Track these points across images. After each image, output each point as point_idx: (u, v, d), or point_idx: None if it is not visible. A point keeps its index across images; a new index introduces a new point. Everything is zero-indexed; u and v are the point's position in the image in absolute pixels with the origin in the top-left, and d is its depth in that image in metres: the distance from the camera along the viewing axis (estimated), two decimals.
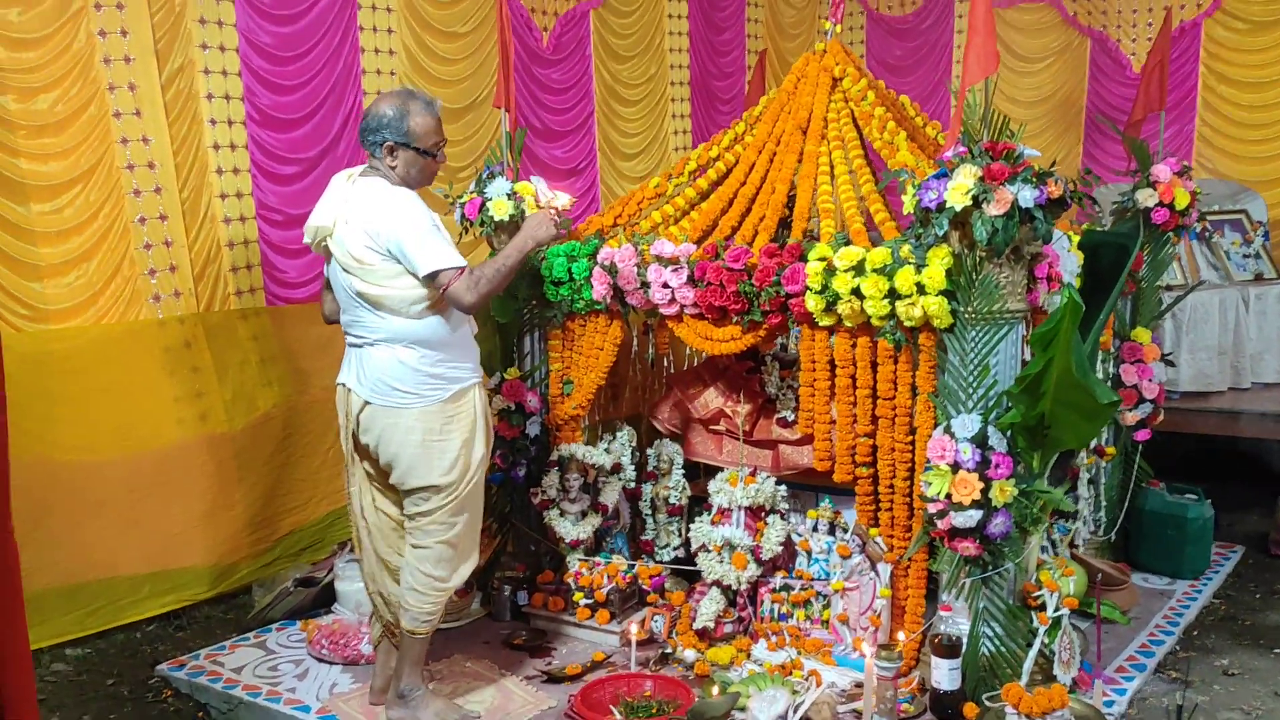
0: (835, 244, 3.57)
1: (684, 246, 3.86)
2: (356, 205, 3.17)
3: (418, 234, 3.08)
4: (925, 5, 7.85)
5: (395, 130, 3.16)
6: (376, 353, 3.21)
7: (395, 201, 3.12)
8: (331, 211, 3.21)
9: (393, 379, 3.19)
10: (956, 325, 3.31)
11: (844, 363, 3.62)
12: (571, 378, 4.32)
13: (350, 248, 3.16)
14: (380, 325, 3.18)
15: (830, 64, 4.47)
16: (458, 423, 3.25)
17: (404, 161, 3.20)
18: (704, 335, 3.89)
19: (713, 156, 4.55)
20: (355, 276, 3.18)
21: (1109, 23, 7.16)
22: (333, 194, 3.27)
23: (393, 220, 3.09)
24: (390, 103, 3.18)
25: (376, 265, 3.13)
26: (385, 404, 3.20)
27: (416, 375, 3.18)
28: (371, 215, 3.12)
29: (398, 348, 3.18)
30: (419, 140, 3.18)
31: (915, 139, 4.32)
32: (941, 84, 7.71)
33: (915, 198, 3.27)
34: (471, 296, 3.12)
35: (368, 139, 3.20)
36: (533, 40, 6.04)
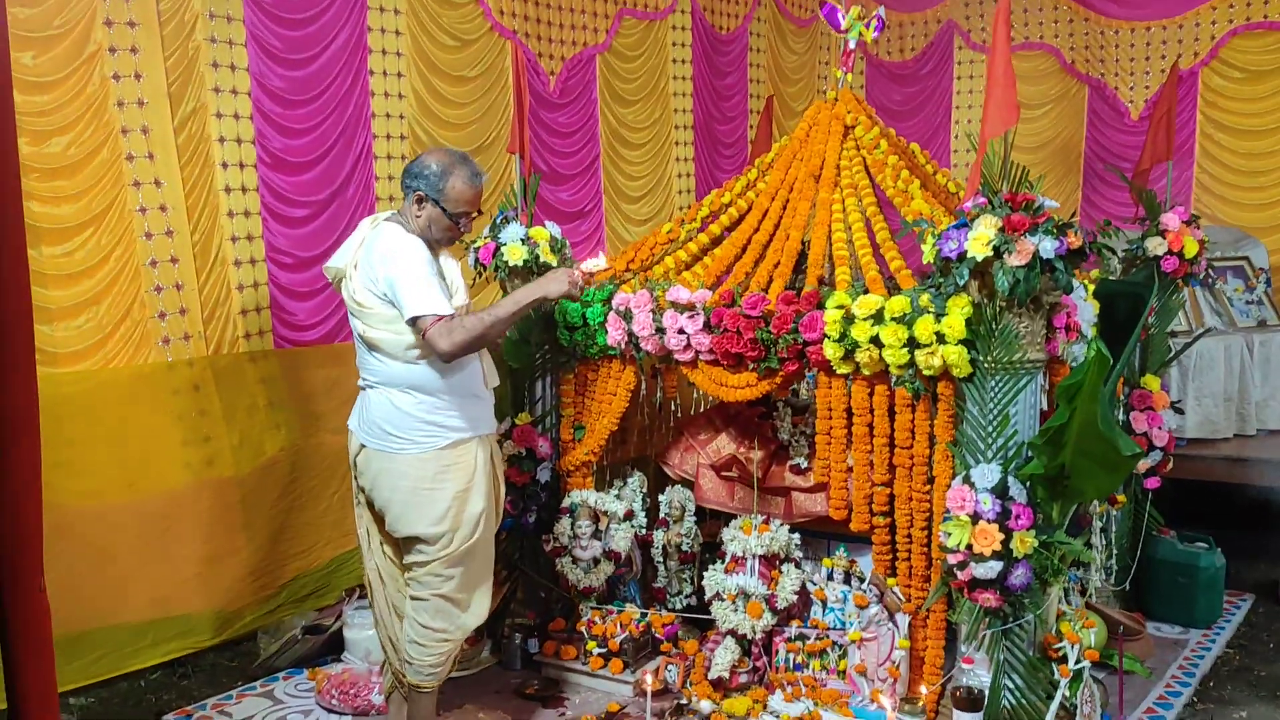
0: (853, 292, 3.57)
1: (700, 293, 3.86)
2: (367, 249, 3.18)
3: (408, 278, 3.08)
4: (925, 52, 7.94)
5: (431, 185, 3.19)
6: (375, 396, 3.21)
7: (397, 245, 3.12)
8: (347, 254, 3.23)
9: (387, 423, 3.18)
10: (976, 374, 3.31)
11: (861, 411, 3.61)
12: (583, 423, 4.30)
13: (355, 290, 3.17)
14: (379, 368, 3.18)
15: (842, 112, 4.50)
16: (453, 473, 3.21)
17: (428, 216, 3.21)
18: (719, 382, 3.88)
19: (725, 202, 4.56)
20: (358, 319, 3.19)
21: (1107, 71, 7.25)
22: (354, 237, 3.28)
23: (389, 263, 3.10)
24: (440, 157, 3.21)
25: (375, 308, 3.14)
26: (379, 448, 3.19)
27: (410, 420, 3.16)
28: (374, 258, 3.13)
29: (394, 391, 3.18)
30: (449, 203, 3.19)
31: (928, 187, 4.35)
32: (942, 129, 7.79)
33: (935, 247, 3.29)
34: (445, 344, 3.06)
35: (405, 181, 3.23)
36: (540, 84, 6.07)
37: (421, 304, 3.06)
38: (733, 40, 7.38)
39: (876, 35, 4.52)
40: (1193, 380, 5.55)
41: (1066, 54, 7.41)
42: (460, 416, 3.24)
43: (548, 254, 4.13)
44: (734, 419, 4.51)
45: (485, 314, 3.15)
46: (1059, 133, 7.40)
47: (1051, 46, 7.45)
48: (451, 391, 3.22)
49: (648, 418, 4.61)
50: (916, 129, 7.82)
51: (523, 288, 3.33)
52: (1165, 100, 4.61)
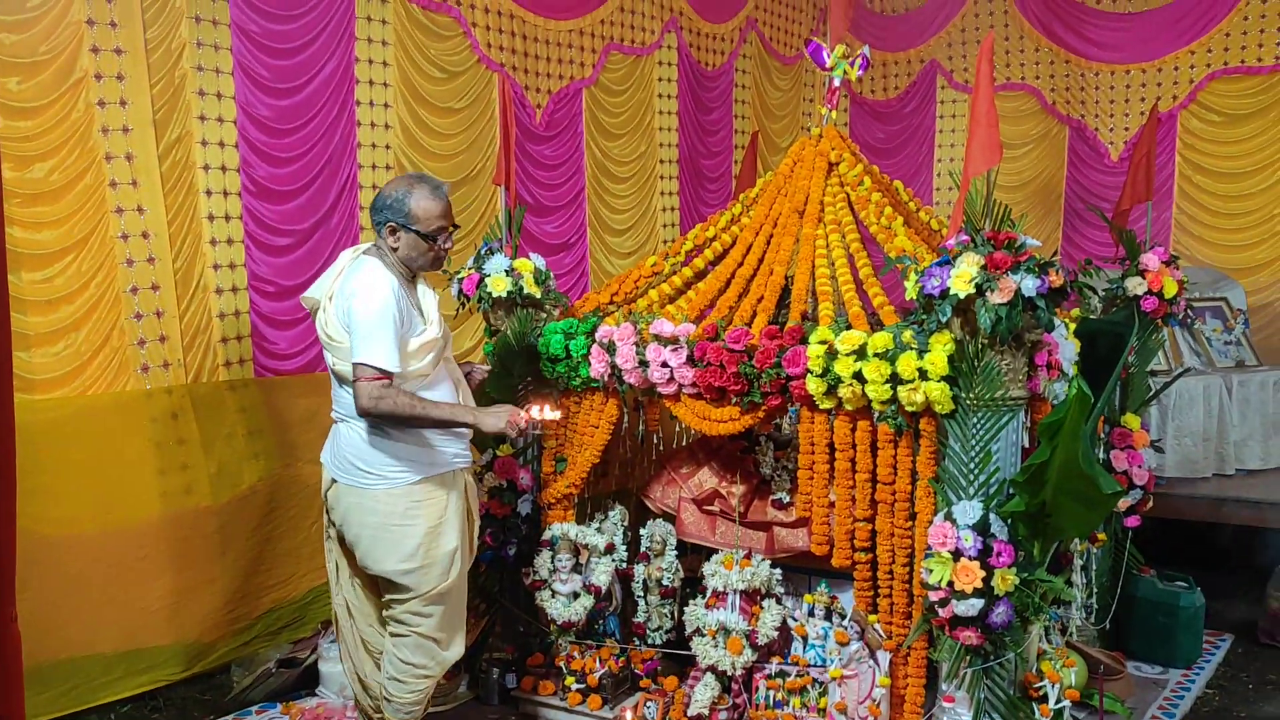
0: (836, 327, 3.59)
1: (684, 326, 3.87)
2: (342, 283, 3.18)
3: (367, 321, 3.05)
4: (908, 90, 8.04)
5: (396, 212, 3.18)
6: (345, 429, 3.19)
7: (368, 284, 3.11)
8: (325, 286, 3.23)
9: (357, 457, 3.16)
10: (958, 411, 3.33)
11: (844, 446, 3.61)
12: (565, 456, 4.28)
13: (327, 323, 3.17)
14: (350, 402, 3.16)
15: (826, 148, 4.54)
16: (424, 509, 3.18)
17: (405, 244, 3.20)
18: (702, 415, 3.88)
19: (709, 236, 4.59)
20: (330, 352, 3.18)
21: (1087, 112, 7.36)
22: (334, 268, 3.28)
23: (356, 302, 3.09)
24: (399, 184, 3.21)
25: (344, 343, 3.13)
26: (350, 482, 3.17)
27: (380, 455, 3.14)
28: (345, 293, 3.13)
29: (358, 426, 3.16)
30: (420, 223, 3.18)
31: (910, 224, 4.38)
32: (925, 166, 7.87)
33: (918, 284, 3.31)
34: (366, 402, 3.01)
35: (374, 217, 3.23)
36: (526, 117, 6.11)
37: (369, 352, 3.03)
38: (718, 76, 7.46)
39: (861, 74, 4.57)
40: (1172, 419, 5.59)
41: (1048, 95, 7.51)
42: (432, 452, 3.22)
43: (531, 285, 4.14)
44: (716, 453, 4.50)
45: (419, 405, 3.09)
46: (1040, 172, 7.49)
47: (1033, 87, 7.56)
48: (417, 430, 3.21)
49: (630, 451, 4.59)
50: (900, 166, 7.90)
51: (463, 407, 3.26)
52: (1145, 142, 4.68)
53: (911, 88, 8.04)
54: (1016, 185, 7.43)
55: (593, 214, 6.57)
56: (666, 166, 7.09)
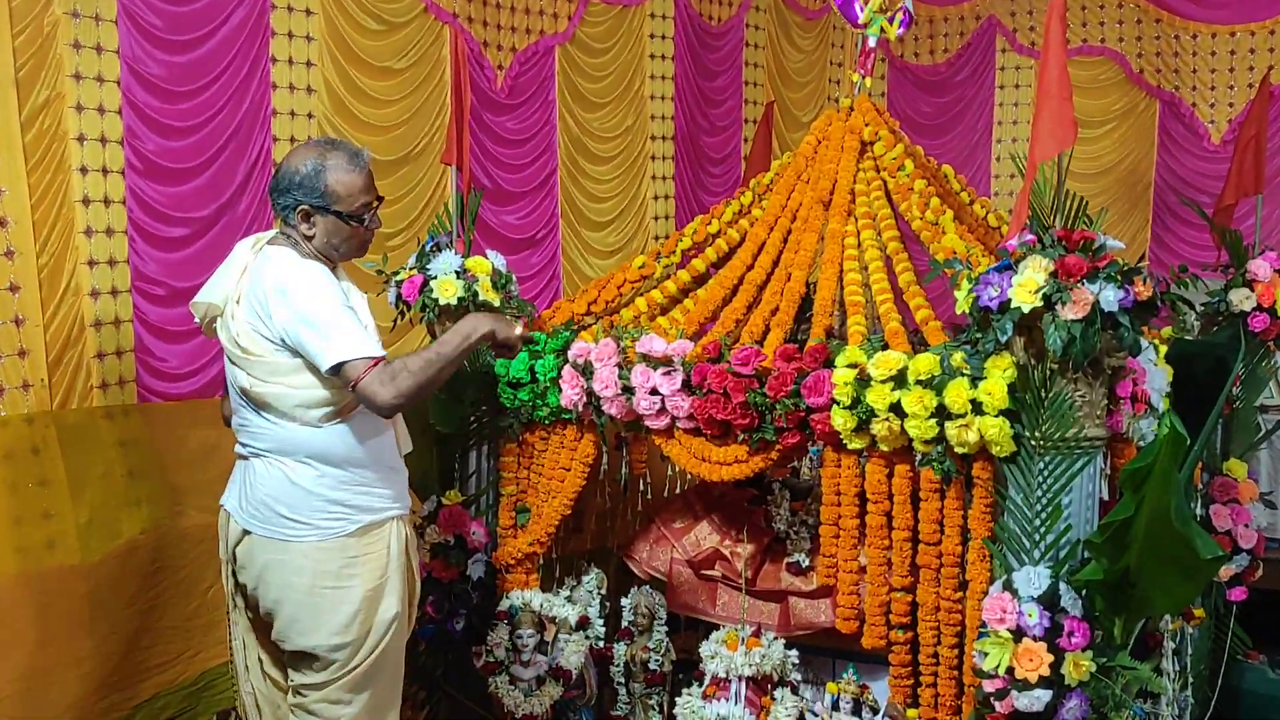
0: (869, 347, 3.60)
1: (679, 344, 3.87)
2: (253, 281, 3.15)
3: (321, 317, 3.03)
4: (960, 54, 8.10)
5: (309, 191, 3.14)
6: (263, 468, 3.15)
7: (296, 277, 3.09)
8: (225, 286, 3.19)
9: (280, 503, 3.12)
10: (1021, 454, 3.33)
11: (877, 496, 3.62)
12: (528, 505, 4.27)
13: (237, 333, 3.13)
14: (270, 433, 3.13)
15: (858, 124, 4.57)
16: (362, 567, 3.15)
17: (324, 230, 3.18)
18: (700, 456, 3.88)
19: (712, 233, 4.61)
20: (241, 369, 3.14)
21: (1182, 83, 7.42)
22: (232, 265, 3.25)
23: (290, 300, 3.05)
24: (304, 156, 3.16)
25: (266, 356, 3.10)
26: (269, 534, 3.13)
27: (311, 500, 3.10)
28: (266, 293, 3.09)
29: (289, 463, 3.12)
30: (340, 202, 3.15)
31: (962, 219, 4.40)
32: (981, 148, 7.92)
33: (972, 294, 3.32)
34: (388, 393, 3.02)
35: (278, 201, 3.18)
36: (484, 80, 6.12)
37: (345, 347, 3.02)
38: (725, 33, 7.50)
39: (902, 32, 4.60)
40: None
41: (1134, 61, 7.57)
42: (373, 494, 3.20)
43: (488, 291, 4.13)
44: (717, 503, 4.49)
45: (429, 353, 3.12)
46: (1124, 157, 7.54)
47: (1115, 52, 7.62)
48: (364, 462, 3.17)
49: (609, 499, 4.59)
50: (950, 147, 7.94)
51: (468, 318, 3.29)
52: (1254, 121, 4.71)
53: (965, 50, 8.10)
54: (1095, 173, 7.47)
55: (567, 202, 6.58)
56: (659, 144, 7.11)
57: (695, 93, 7.33)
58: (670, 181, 7.18)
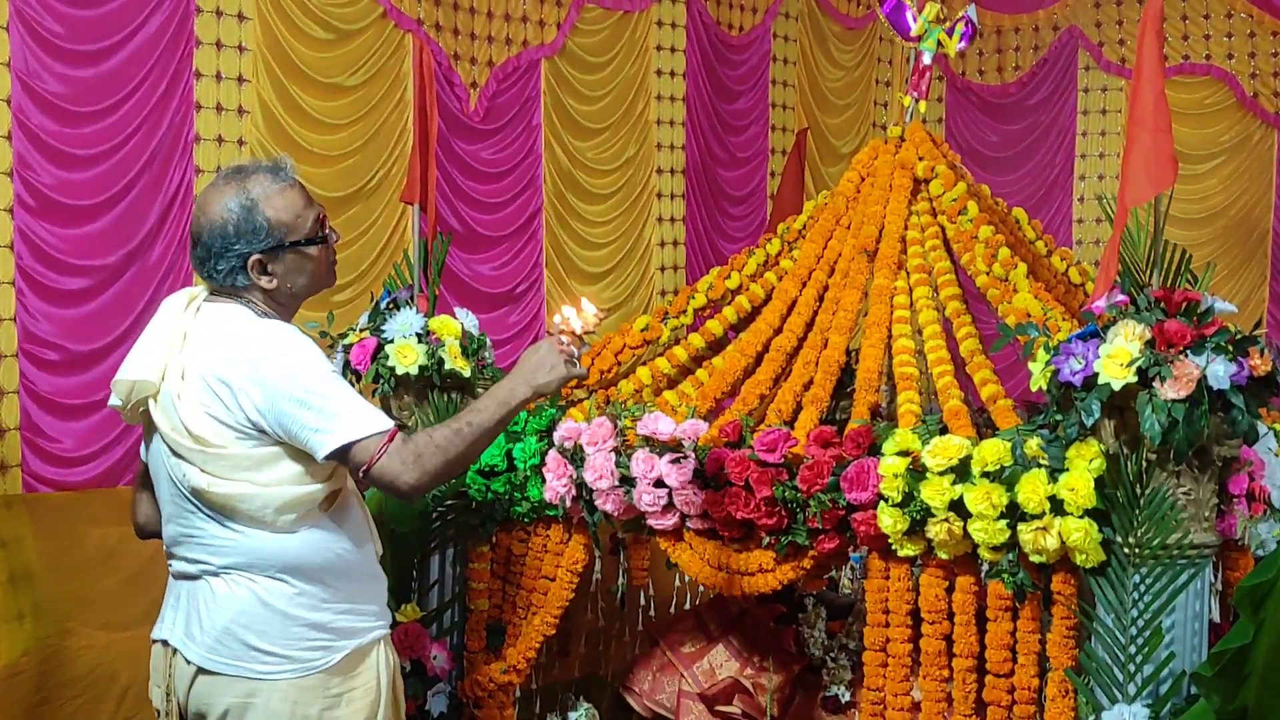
0: (924, 431, 3.59)
1: (690, 425, 3.87)
2: (202, 351, 3.10)
3: (315, 390, 2.94)
4: (1035, 72, 8.19)
5: (251, 236, 3.08)
6: (223, 588, 3.09)
7: (271, 346, 3.03)
8: (158, 357, 3.13)
9: (250, 630, 3.06)
10: (1111, 564, 3.31)
11: (934, 616, 3.59)
12: (503, 623, 4.25)
13: (188, 419, 3.07)
14: (230, 543, 3.07)
15: (911, 157, 4.58)
16: (348, 707, 3.11)
17: (290, 270, 3.12)
18: (717, 564, 3.86)
19: (732, 288, 4.61)
20: (192, 464, 3.07)
21: None
22: (164, 330, 3.18)
23: (268, 375, 2.98)
24: (220, 201, 3.07)
25: (228, 448, 3.02)
26: (238, 671, 3.08)
27: (289, 626, 3.06)
28: (229, 368, 3.04)
29: (259, 579, 3.06)
30: (292, 231, 3.12)
31: (1037, 273, 4.41)
32: (1061, 187, 7.98)
33: (1050, 368, 3.32)
34: (413, 476, 2.94)
35: (217, 269, 3.10)
36: (455, 101, 6.18)
37: (352, 424, 2.93)
38: (748, 45, 7.59)
39: (964, 46, 4.64)
40: None
41: (1246, 84, 7.65)
42: (357, 612, 3.14)
43: (457, 358, 4.13)
44: (737, 623, 4.46)
45: (457, 423, 3.02)
46: (1235, 198, 7.59)
47: (1224, 72, 7.70)
48: (347, 572, 3.12)
49: (603, 616, 4.56)
50: (1022, 186, 7.99)
51: (505, 381, 3.14)
52: None
53: (1040, 68, 8.18)
54: (1201, 218, 7.53)
55: (554, 249, 6.61)
56: (668, 180, 7.16)
57: (711, 117, 7.39)
58: (680, 225, 7.21)
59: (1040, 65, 8.17)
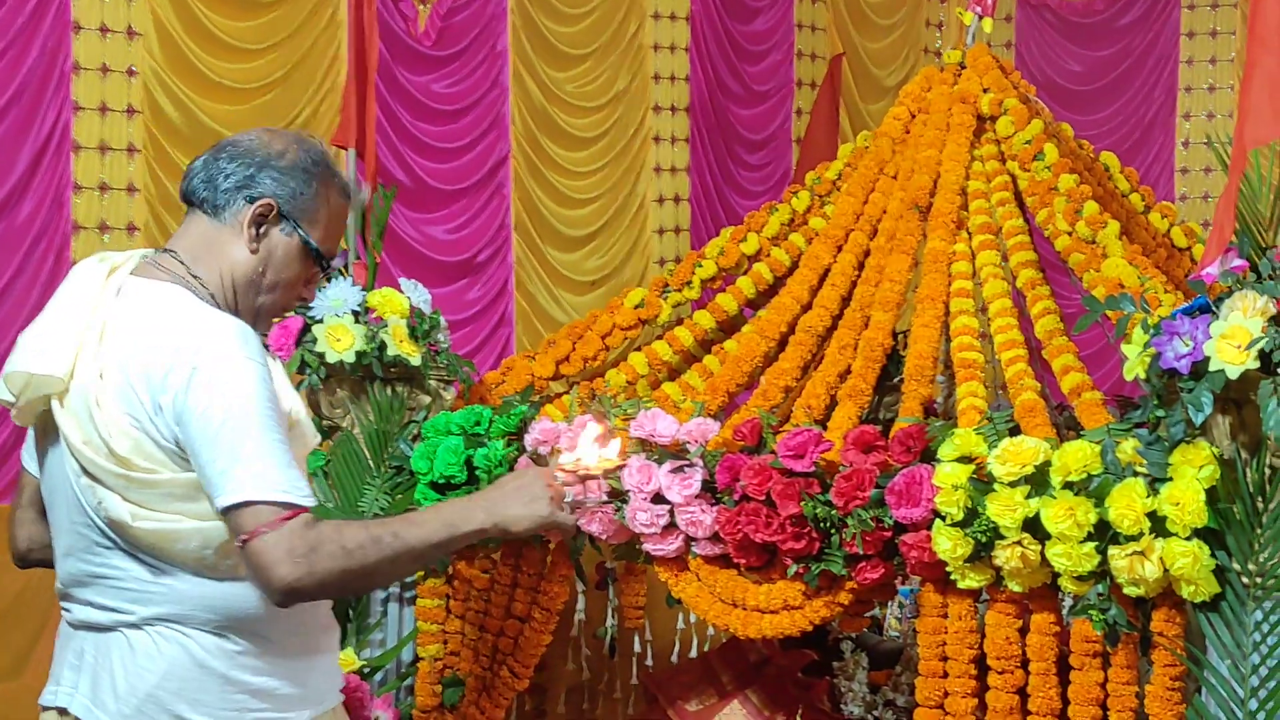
0: (991, 432, 3.60)
1: (696, 424, 3.87)
2: (128, 342, 3.08)
3: (242, 422, 2.91)
4: None
5: (295, 188, 3.07)
6: (148, 643, 3.06)
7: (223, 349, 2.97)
8: (70, 346, 3.08)
9: (180, 698, 3.04)
10: (1227, 597, 3.32)
11: (1005, 664, 3.60)
12: (462, 675, 4.25)
13: (107, 432, 3.03)
14: (160, 590, 3.04)
15: (973, 89, 4.58)
16: None
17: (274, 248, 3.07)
18: (730, 599, 3.87)
19: (749, 254, 4.61)
20: (110, 491, 3.04)
21: None
22: (73, 308, 3.14)
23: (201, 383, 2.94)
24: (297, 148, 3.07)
25: (159, 473, 2.98)
26: None
27: (226, 691, 3.04)
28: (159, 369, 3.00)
29: (195, 635, 3.03)
30: (316, 229, 3.09)
31: (1132, 234, 4.41)
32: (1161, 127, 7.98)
33: (1149, 351, 3.32)
34: (293, 572, 2.81)
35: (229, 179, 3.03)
36: (399, 21, 6.18)
37: (257, 477, 2.87)
38: None
39: None
40: None
41: None
42: (305, 672, 3.15)
43: (402, 341, 4.13)
44: (756, 675, 4.47)
45: (388, 534, 2.92)
46: None
47: None
48: (296, 626, 3.12)
49: (588, 667, 4.56)
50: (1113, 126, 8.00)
51: (465, 501, 3.11)
52: None
53: None
54: None
55: (524, 207, 6.62)
56: (667, 120, 7.17)
57: (723, 40, 7.39)
58: (683, 176, 7.22)
59: None
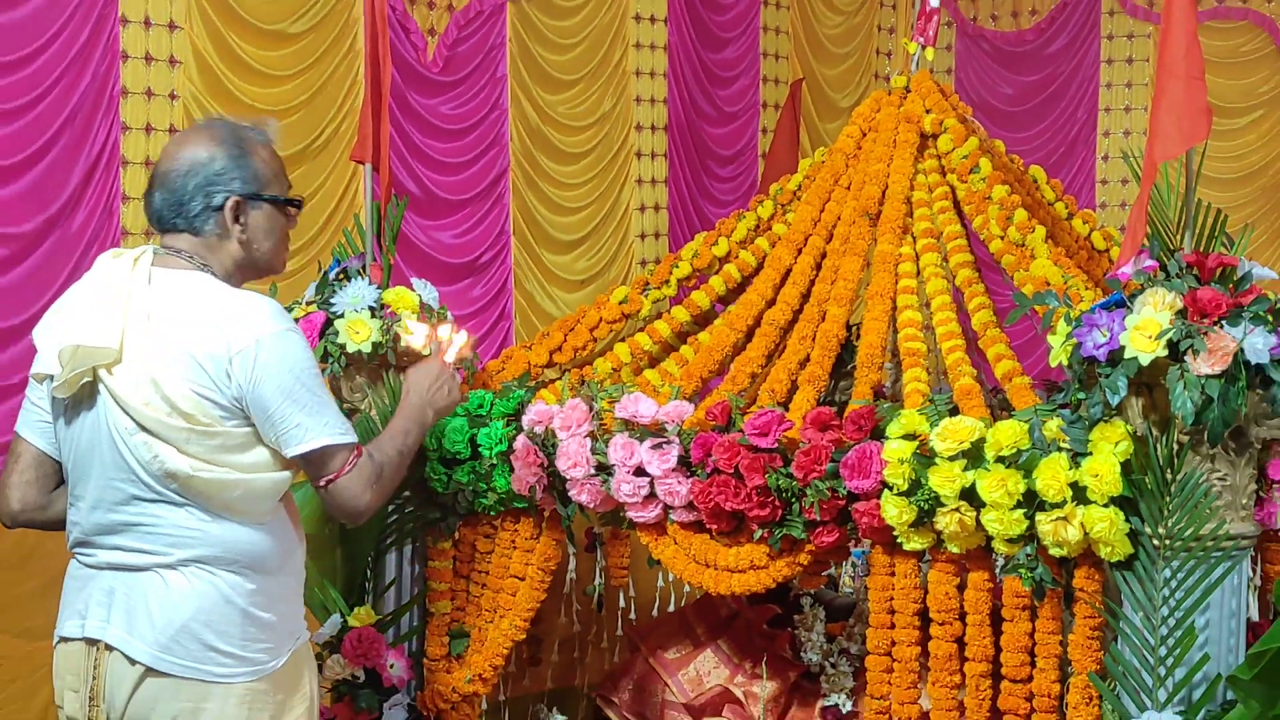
0: (932, 412, 3.60)
1: (673, 406, 3.87)
2: (176, 319, 3.09)
3: (308, 384, 3.08)
4: (1054, 17, 8.20)
5: (237, 176, 3.14)
6: (182, 582, 3.09)
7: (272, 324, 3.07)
8: (117, 323, 3.11)
9: (211, 630, 3.07)
10: (1139, 557, 3.32)
11: (945, 616, 3.60)
12: (468, 627, 4.25)
13: (173, 394, 3.06)
14: (197, 534, 3.07)
15: (917, 110, 4.59)
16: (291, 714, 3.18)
17: (261, 227, 3.17)
18: (704, 560, 3.87)
19: (719, 255, 4.61)
20: (169, 444, 3.07)
21: None
22: (110, 293, 3.16)
23: (272, 358, 3.01)
24: (203, 140, 3.15)
25: (215, 427, 3.04)
26: (189, 674, 3.09)
27: (246, 625, 3.08)
28: (229, 344, 3.04)
29: (222, 574, 3.08)
30: (269, 185, 3.18)
31: (1057, 238, 4.42)
32: (1083, 142, 7.98)
33: (1071, 341, 3.32)
34: (371, 498, 3.19)
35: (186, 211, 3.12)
36: (410, 50, 6.16)
37: (330, 427, 3.11)
38: None
39: None
40: None
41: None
42: (298, 608, 3.28)
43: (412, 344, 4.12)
44: (726, 626, 4.47)
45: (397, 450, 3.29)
46: (1276, 156, 7.60)
47: (1262, 16, 7.71)
48: (296, 569, 3.25)
49: (578, 620, 4.56)
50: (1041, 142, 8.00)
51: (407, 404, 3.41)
52: None
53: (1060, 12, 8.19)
54: (1237, 177, 7.54)
55: (521, 214, 6.61)
56: (648, 137, 7.15)
57: (696, 67, 7.38)
58: (662, 187, 7.21)
59: (1059, 9, 8.17)
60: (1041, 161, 7.33)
